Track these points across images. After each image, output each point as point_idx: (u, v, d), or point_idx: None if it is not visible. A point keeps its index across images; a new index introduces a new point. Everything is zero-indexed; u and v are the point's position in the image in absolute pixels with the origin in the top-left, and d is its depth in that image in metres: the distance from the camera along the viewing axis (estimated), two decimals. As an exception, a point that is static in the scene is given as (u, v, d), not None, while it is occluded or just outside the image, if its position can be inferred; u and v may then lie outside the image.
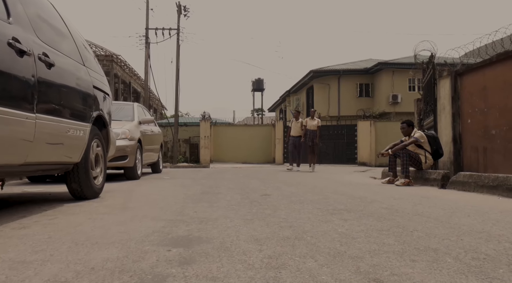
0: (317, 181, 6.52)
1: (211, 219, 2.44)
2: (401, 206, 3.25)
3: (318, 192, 4.40)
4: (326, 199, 3.71)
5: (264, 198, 3.73)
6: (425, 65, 9.87)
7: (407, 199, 3.88)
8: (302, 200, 3.59)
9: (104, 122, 3.94)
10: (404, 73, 23.25)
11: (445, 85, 7.78)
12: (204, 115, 21.27)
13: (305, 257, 1.53)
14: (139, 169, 6.88)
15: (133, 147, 6.44)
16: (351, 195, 4.15)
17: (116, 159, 6.12)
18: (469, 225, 2.38)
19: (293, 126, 11.32)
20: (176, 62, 20.83)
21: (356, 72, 25.58)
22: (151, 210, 2.84)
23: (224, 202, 3.33)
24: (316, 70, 25.44)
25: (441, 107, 7.93)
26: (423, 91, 10.62)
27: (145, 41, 20.73)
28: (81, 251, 1.60)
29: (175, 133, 20.39)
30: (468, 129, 7.09)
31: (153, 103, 33.02)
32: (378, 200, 3.67)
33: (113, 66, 22.71)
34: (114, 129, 6.31)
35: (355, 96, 25.70)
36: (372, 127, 19.27)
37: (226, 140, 20.92)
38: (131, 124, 6.85)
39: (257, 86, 36.74)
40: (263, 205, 3.14)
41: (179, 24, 20.88)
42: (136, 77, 27.76)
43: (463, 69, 7.39)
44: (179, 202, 3.31)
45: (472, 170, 6.87)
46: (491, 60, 6.52)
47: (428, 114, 9.58)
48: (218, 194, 4.02)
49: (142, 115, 7.88)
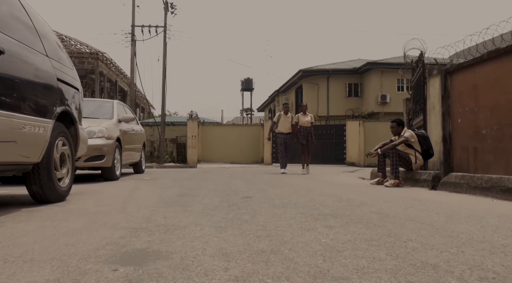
0: (304, 182, 6.26)
1: (180, 226, 2.15)
2: (392, 210, 3.00)
3: (304, 194, 4.14)
4: (311, 201, 3.45)
5: (245, 201, 3.45)
6: (414, 64, 9.71)
7: (398, 201, 3.65)
8: (285, 203, 3.33)
9: (72, 119, 3.62)
10: (393, 73, 23.18)
11: (435, 84, 7.59)
12: (191, 114, 20.91)
13: (279, 278, 1.26)
14: (118, 169, 6.54)
15: (111, 146, 6.10)
16: (339, 197, 3.90)
17: (92, 159, 5.78)
18: (468, 232, 2.14)
19: (281, 122, 9.65)
20: (163, 60, 20.46)
21: (345, 72, 25.46)
22: (116, 216, 2.54)
23: (199, 206, 3.04)
24: (305, 70, 25.26)
25: (431, 107, 7.75)
26: (412, 90, 10.46)
27: (131, 39, 20.29)
28: (4, 272, 1.30)
29: (161, 132, 20.00)
30: (458, 129, 6.92)
31: (141, 102, 32.53)
32: (367, 203, 3.42)
33: (98, 64, 22.23)
34: (90, 127, 6.00)
35: (344, 96, 25.59)
36: (361, 128, 19.13)
37: (214, 140, 20.63)
38: (110, 123, 6.51)
39: (246, 86, 36.50)
40: (241, 209, 2.86)
41: (166, 21, 20.49)
42: (122, 76, 27.27)
43: (453, 68, 7.22)
44: (150, 206, 3.02)
45: (462, 170, 6.70)
46: (482, 58, 6.34)
47: (417, 113, 9.41)
48: (196, 196, 3.74)
49: (123, 114, 7.54)
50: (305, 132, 9.53)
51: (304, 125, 9.55)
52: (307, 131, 9.55)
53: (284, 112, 9.74)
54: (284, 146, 9.53)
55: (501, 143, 5.85)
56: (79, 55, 22.13)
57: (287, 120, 9.61)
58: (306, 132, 9.53)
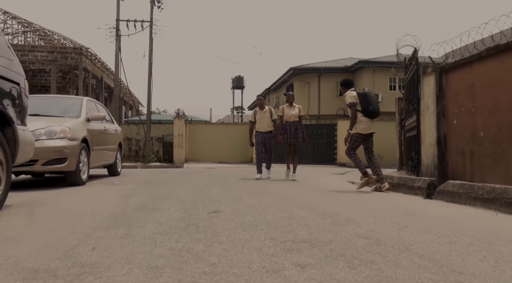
0: (287, 189, 5.74)
1: (102, 266, 1.62)
2: (383, 232, 2.49)
3: (283, 206, 3.62)
4: (289, 218, 2.93)
5: (211, 217, 2.92)
6: (407, 61, 9.25)
7: (390, 217, 3.14)
8: (257, 221, 2.80)
9: (7, 119, 3.05)
10: (385, 72, 22.81)
11: (429, 82, 7.13)
12: (178, 112, 20.30)
13: None
14: (85, 173, 5.96)
15: (75, 148, 5.52)
16: (323, 210, 3.38)
17: (52, 162, 5.20)
18: (481, 273, 1.63)
19: (258, 119, 7.93)
20: (149, 56, 19.78)
21: (337, 70, 25.03)
22: (31, 245, 2.00)
23: (151, 227, 2.50)
24: (296, 68, 24.77)
25: (425, 107, 7.29)
26: (405, 89, 10.00)
27: (116, 34, 19.59)
28: None
29: (147, 131, 19.36)
30: (454, 130, 6.47)
31: (129, 99, 31.78)
32: (354, 220, 2.91)
33: (82, 60, 21.48)
34: (51, 127, 5.42)
35: (336, 95, 25.14)
36: (352, 127, 18.66)
37: (203, 139, 20.10)
38: (75, 122, 5.92)
39: (237, 83, 36.05)
40: (199, 233, 2.33)
41: (152, 16, 19.83)
42: (108, 72, 26.51)
43: (449, 65, 6.76)
44: (89, 227, 2.47)
45: (458, 174, 6.26)
46: (480, 55, 5.88)
47: (410, 113, 8.95)
48: (155, 211, 3.19)
49: (95, 112, 6.95)
50: (292, 129, 7.64)
51: (291, 120, 7.66)
52: (295, 127, 7.66)
53: (259, 107, 7.98)
54: (263, 146, 7.88)
55: (500, 146, 5.39)
56: (62, 50, 21.37)
57: (265, 116, 7.90)
58: (293, 129, 7.65)
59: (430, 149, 7.08)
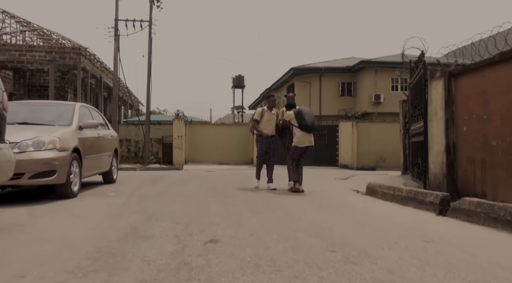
0: (291, 202, 5.41)
1: None
2: (404, 274, 2.16)
3: (287, 230, 3.29)
4: (294, 251, 2.61)
5: (206, 250, 2.59)
6: (413, 64, 8.93)
7: (406, 245, 2.82)
8: (259, 256, 2.47)
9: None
10: (387, 72, 22.47)
11: (438, 87, 6.81)
12: (178, 113, 19.97)
13: None
14: (76, 184, 5.63)
15: (65, 159, 5.19)
16: (331, 237, 3.06)
17: (40, 175, 4.87)
18: None
19: (265, 120, 7.19)
20: (148, 56, 19.41)
21: (338, 70, 24.68)
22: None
23: (136, 270, 2.17)
24: (297, 68, 24.42)
25: (433, 112, 6.97)
26: (411, 93, 9.68)
27: (114, 33, 19.23)
28: None
29: (146, 132, 19.03)
30: (464, 138, 6.15)
31: (129, 99, 31.42)
32: (367, 253, 2.59)
33: (81, 60, 21.15)
34: (39, 137, 5.09)
35: (337, 95, 24.82)
36: (354, 129, 18.39)
37: (202, 140, 19.81)
38: (65, 131, 5.59)
39: (238, 83, 35.84)
40: (193, 280, 2.01)
41: (151, 15, 19.46)
42: (108, 72, 26.17)
43: (459, 70, 6.43)
44: (65, 270, 2.13)
45: (468, 184, 5.96)
46: (493, 60, 5.55)
47: (416, 118, 8.63)
48: (146, 240, 2.87)
49: (88, 118, 6.62)
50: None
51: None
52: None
53: (269, 107, 7.29)
54: (266, 151, 7.15)
55: (515, 157, 5.08)
56: (60, 50, 21.06)
57: (272, 118, 7.20)
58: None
59: (438, 156, 6.77)
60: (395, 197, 5.72)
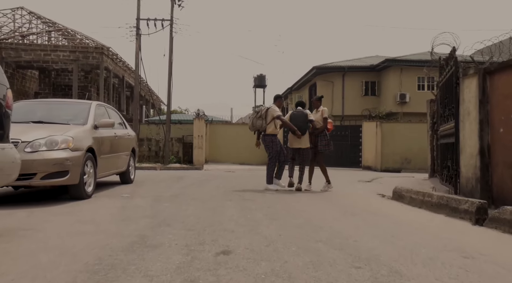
0: (312, 207, 5.10)
1: None
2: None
3: (308, 240, 2.99)
4: (315, 267, 2.31)
5: (217, 264, 2.33)
6: (443, 61, 8.45)
7: (443, 263, 2.47)
8: (275, 272, 2.19)
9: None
10: (413, 71, 21.77)
11: (471, 85, 6.36)
12: (198, 112, 19.86)
13: None
14: (90, 185, 5.48)
15: (78, 159, 5.04)
16: (356, 250, 2.75)
17: (52, 176, 4.73)
18: None
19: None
20: (169, 55, 19.42)
21: (362, 69, 24.08)
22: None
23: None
24: (319, 67, 23.96)
25: (465, 112, 6.52)
26: (440, 92, 9.18)
27: (136, 33, 19.28)
28: None
29: (166, 131, 19.01)
30: (500, 140, 5.71)
31: (151, 98, 31.62)
32: (399, 271, 2.27)
33: (103, 59, 21.35)
34: (52, 136, 4.95)
35: (360, 94, 24.21)
36: (378, 129, 17.84)
37: (223, 139, 19.62)
38: (79, 130, 5.44)
39: (259, 82, 35.66)
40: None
41: (172, 14, 19.44)
42: (130, 71, 26.41)
43: (495, 67, 5.97)
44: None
45: (505, 190, 5.52)
46: (536, 56, 5.10)
47: (446, 119, 8.15)
48: (152, 249, 2.63)
49: (105, 117, 6.49)
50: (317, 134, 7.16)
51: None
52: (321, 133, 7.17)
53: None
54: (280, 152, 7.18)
55: (560, 162, 4.63)
56: (84, 49, 21.32)
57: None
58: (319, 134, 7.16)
59: (471, 159, 6.33)
60: (425, 203, 5.33)
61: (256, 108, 7.37)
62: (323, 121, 7.17)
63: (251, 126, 7.36)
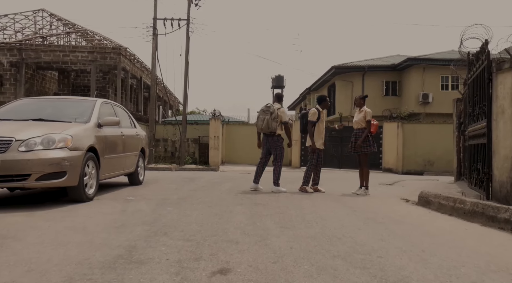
0: (329, 214, 4.64)
1: None
2: None
3: (323, 256, 2.54)
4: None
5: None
6: (473, 56, 7.85)
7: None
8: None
9: None
10: (436, 70, 20.96)
11: (506, 81, 5.79)
12: (214, 113, 19.58)
13: None
14: (92, 186, 5.15)
15: (77, 159, 4.70)
16: (381, 271, 2.29)
17: (48, 177, 4.41)
18: None
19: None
20: (185, 55, 19.17)
21: (382, 68, 23.34)
22: None
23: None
24: (338, 66, 23.36)
25: (499, 111, 5.95)
26: (469, 90, 8.56)
27: (153, 33, 19.12)
28: None
29: (182, 132, 18.76)
30: (540, 141, 5.14)
31: (169, 99, 31.56)
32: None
33: (121, 59, 21.31)
34: (50, 134, 4.62)
35: (381, 95, 23.48)
36: (400, 130, 17.16)
37: (239, 140, 19.28)
38: (80, 128, 5.11)
39: (277, 83, 35.38)
40: None
41: (189, 14, 19.20)
42: (148, 72, 26.37)
43: (534, 60, 5.40)
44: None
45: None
46: None
47: (476, 118, 7.54)
48: (137, 266, 2.23)
49: (111, 116, 6.17)
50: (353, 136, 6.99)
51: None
52: (355, 136, 6.95)
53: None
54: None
55: None
56: (101, 50, 21.33)
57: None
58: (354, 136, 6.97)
59: (505, 162, 5.76)
60: (456, 210, 4.79)
61: (264, 107, 6.94)
62: (366, 124, 6.81)
63: (266, 128, 6.95)
